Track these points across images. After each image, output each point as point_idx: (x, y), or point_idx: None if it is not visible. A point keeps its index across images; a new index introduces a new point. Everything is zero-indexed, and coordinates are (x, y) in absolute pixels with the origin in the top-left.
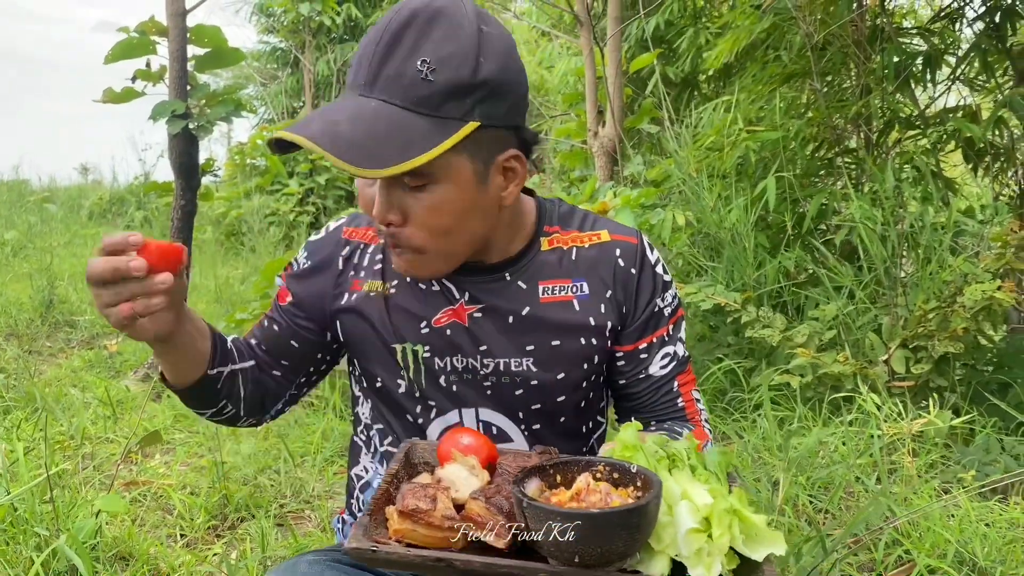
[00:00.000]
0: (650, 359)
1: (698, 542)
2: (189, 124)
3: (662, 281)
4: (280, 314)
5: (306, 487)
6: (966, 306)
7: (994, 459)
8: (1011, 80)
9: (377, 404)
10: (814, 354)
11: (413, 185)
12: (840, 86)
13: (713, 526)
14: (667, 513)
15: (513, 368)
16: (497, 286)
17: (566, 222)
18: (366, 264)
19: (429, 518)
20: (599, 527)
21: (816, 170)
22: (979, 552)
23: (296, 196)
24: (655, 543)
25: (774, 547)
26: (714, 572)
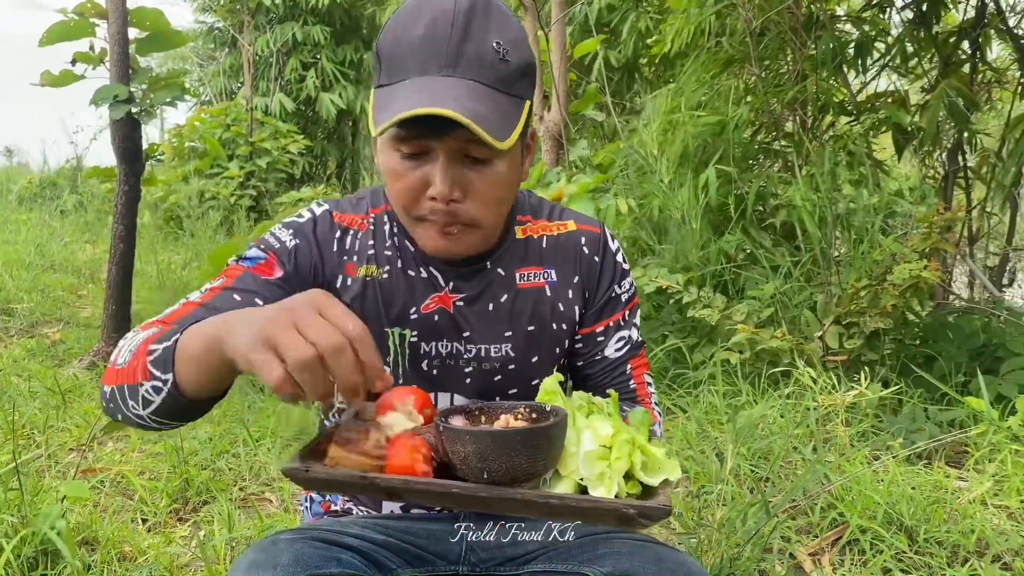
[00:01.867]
0: (606, 342)
1: (599, 467)
2: (132, 109)
3: (621, 269)
4: (264, 288)
5: (265, 470)
6: (895, 284)
7: (920, 427)
8: (936, 67)
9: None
10: (752, 330)
11: (481, 159)
12: (778, 72)
13: (613, 452)
14: (574, 444)
15: (493, 354)
16: (479, 274)
17: (536, 212)
18: (358, 249)
19: (362, 447)
20: (504, 444)
21: (755, 154)
22: (906, 512)
23: (236, 179)
24: (562, 469)
25: (670, 473)
26: (612, 493)
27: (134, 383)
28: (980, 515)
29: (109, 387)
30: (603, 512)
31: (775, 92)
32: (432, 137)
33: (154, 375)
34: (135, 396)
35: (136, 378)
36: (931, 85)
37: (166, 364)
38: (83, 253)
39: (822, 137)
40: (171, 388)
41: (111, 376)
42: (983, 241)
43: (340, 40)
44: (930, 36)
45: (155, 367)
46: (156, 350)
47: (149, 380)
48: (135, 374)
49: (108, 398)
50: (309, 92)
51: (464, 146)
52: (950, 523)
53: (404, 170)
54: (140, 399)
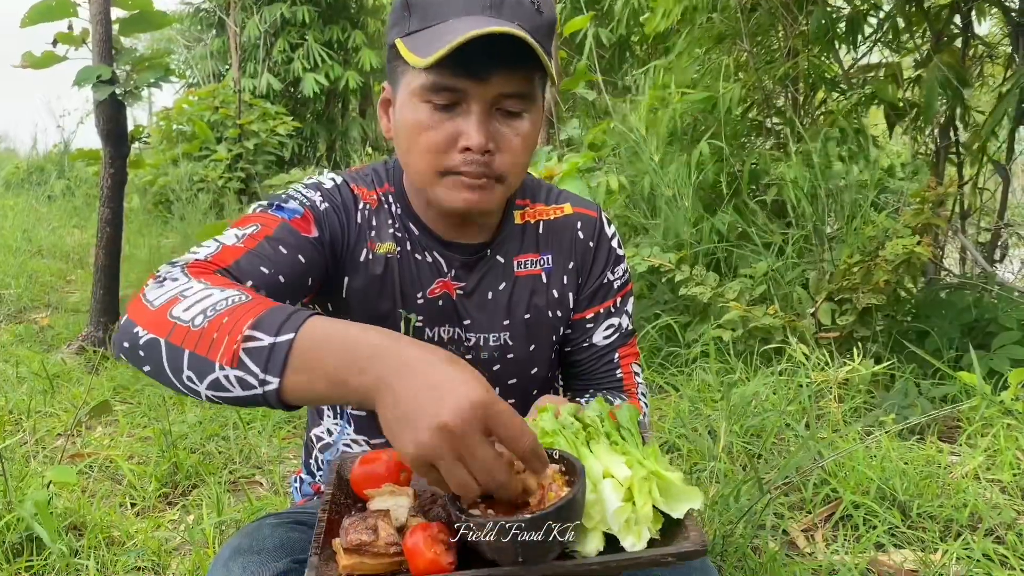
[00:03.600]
0: (595, 328)
1: (625, 514)
2: (116, 90)
3: (615, 255)
4: (305, 245)
5: (255, 452)
6: (888, 260)
7: (912, 402)
8: (928, 42)
9: None
10: (745, 308)
11: (516, 111)
12: (769, 48)
13: (635, 496)
14: (593, 491)
15: (492, 343)
16: (480, 263)
17: (535, 195)
18: (376, 224)
19: (374, 548)
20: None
21: (746, 131)
22: (899, 488)
23: (225, 162)
24: (586, 522)
25: (692, 502)
26: (644, 540)
27: (210, 358)
28: (973, 489)
29: (151, 335)
30: (643, 564)
31: (767, 69)
32: (472, 79)
33: (247, 366)
34: (202, 371)
35: (214, 354)
36: (923, 59)
37: (271, 364)
38: (71, 238)
39: (813, 113)
40: (270, 392)
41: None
42: (975, 217)
43: (327, 20)
44: (922, 10)
45: (253, 360)
46: (257, 339)
47: (236, 368)
48: (213, 348)
49: (143, 346)
50: (297, 73)
51: (498, 99)
52: (943, 498)
53: (435, 122)
54: (210, 379)
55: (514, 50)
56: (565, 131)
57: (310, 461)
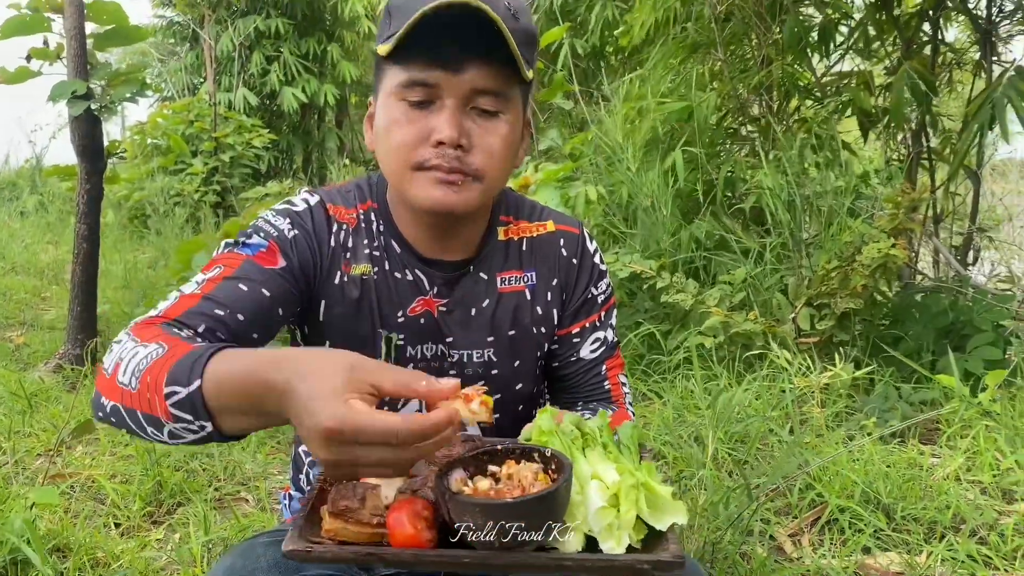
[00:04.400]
0: (581, 343)
1: (607, 518)
2: (91, 105)
3: (598, 270)
4: (269, 279)
5: (240, 469)
6: (865, 264)
7: (892, 406)
8: (898, 49)
9: None
10: (725, 314)
11: (491, 110)
12: (743, 57)
13: (621, 502)
14: (579, 492)
15: (475, 359)
16: (462, 280)
17: (518, 212)
18: (351, 246)
19: (358, 515)
20: (516, 514)
21: (722, 139)
22: (883, 491)
23: (201, 176)
24: (569, 520)
25: (676, 516)
26: (623, 545)
27: (154, 415)
28: (954, 491)
29: (112, 403)
30: (618, 569)
31: (741, 77)
32: (445, 71)
33: (181, 418)
34: (157, 426)
35: (155, 412)
36: (894, 67)
37: (196, 412)
38: (45, 255)
39: (788, 121)
40: (214, 433)
41: (114, 391)
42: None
43: (303, 33)
44: (892, 18)
45: (182, 411)
46: (175, 393)
47: (175, 422)
48: (152, 407)
49: (111, 413)
50: (273, 86)
51: (472, 95)
52: (926, 500)
53: (409, 119)
54: (166, 433)
55: (486, 40)
56: (544, 141)
57: (299, 477)
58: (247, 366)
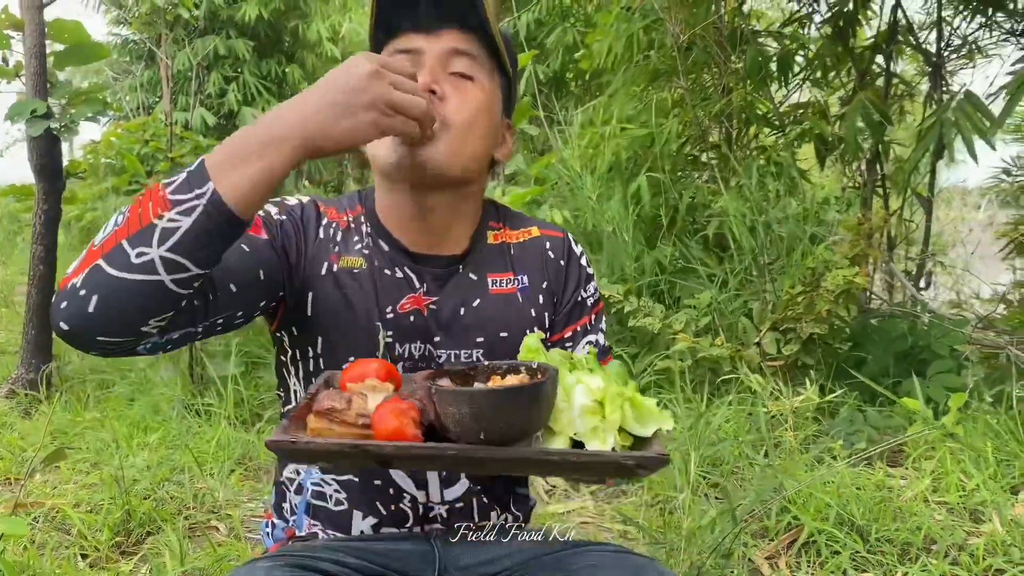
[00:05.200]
0: (574, 347)
1: (593, 421)
2: (51, 124)
3: (586, 273)
4: (251, 240)
5: (211, 496)
6: (829, 290)
7: (858, 429)
8: (853, 80)
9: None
10: (693, 339)
11: (467, 74)
12: (703, 86)
13: (606, 406)
14: (564, 400)
15: (463, 359)
16: (452, 278)
17: (506, 219)
18: (341, 240)
19: (344, 416)
20: (500, 403)
21: (683, 165)
22: (857, 513)
23: None
24: (554, 425)
25: (662, 423)
26: (608, 444)
27: (144, 224)
28: (923, 512)
29: (83, 272)
30: (602, 465)
31: (703, 105)
32: (423, 33)
33: (179, 200)
34: (145, 238)
35: (147, 218)
36: (848, 97)
37: (199, 180)
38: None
39: (747, 148)
40: (212, 198)
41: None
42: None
43: (263, 54)
44: (847, 50)
45: (181, 191)
46: (175, 180)
47: (172, 208)
48: (143, 217)
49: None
50: (231, 106)
51: (449, 56)
52: (898, 521)
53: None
54: (156, 235)
55: (460, 7)
56: (510, 166)
57: (283, 505)
58: (256, 120)
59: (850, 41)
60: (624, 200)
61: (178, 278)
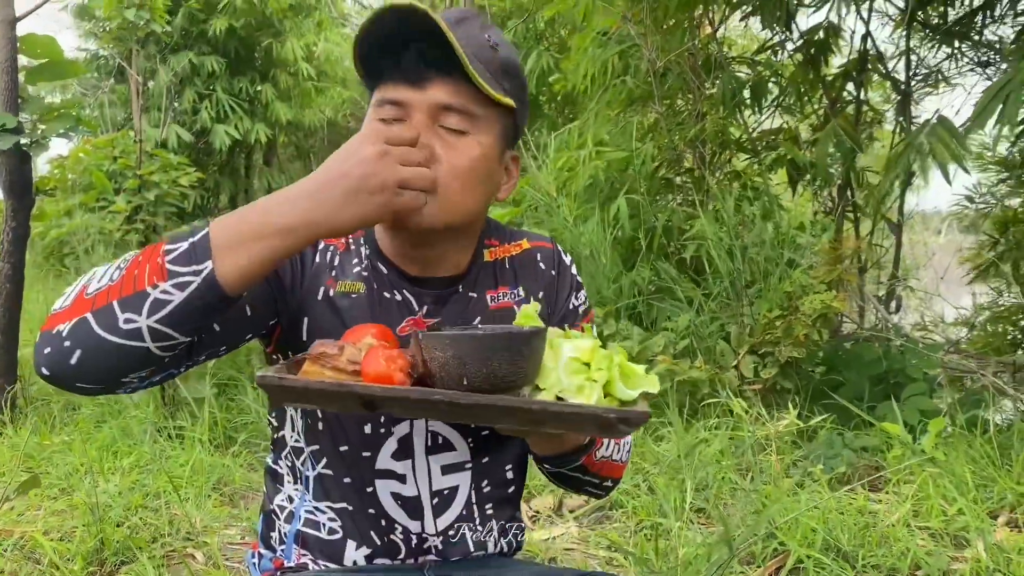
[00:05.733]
0: None
1: (578, 379)
2: (21, 140)
3: (575, 281)
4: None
5: (188, 521)
6: (807, 314)
7: (837, 453)
8: (823, 107)
9: (323, 419)
10: (673, 361)
11: (459, 129)
12: (676, 111)
13: (592, 365)
14: (551, 359)
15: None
16: (452, 299)
17: (499, 235)
18: (338, 264)
19: (335, 361)
20: (485, 349)
21: (658, 189)
22: (843, 539)
23: (124, 213)
24: (541, 383)
25: (648, 387)
26: (593, 399)
27: (138, 289)
28: (906, 537)
29: (70, 322)
30: (583, 418)
31: (678, 129)
32: (410, 86)
33: (177, 272)
34: (136, 305)
35: (142, 284)
36: (820, 124)
37: (200, 255)
38: None
39: (720, 173)
40: (207, 277)
41: (76, 308)
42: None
43: (235, 71)
44: (818, 78)
45: (180, 263)
46: (177, 248)
47: (168, 280)
48: (138, 281)
49: (67, 335)
50: (204, 123)
51: (438, 111)
52: (883, 547)
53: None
54: (148, 305)
55: (445, 54)
56: None
57: (271, 535)
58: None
59: (821, 69)
60: (602, 222)
61: (163, 345)
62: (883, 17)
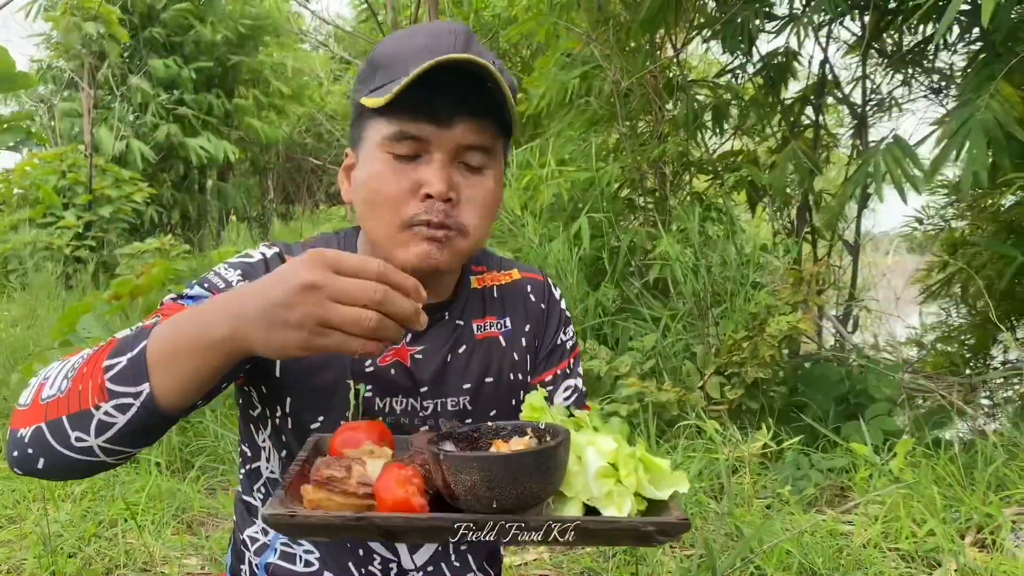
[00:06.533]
0: (554, 391)
1: (608, 484)
2: None
3: (564, 316)
4: None
5: (144, 553)
6: (773, 335)
7: (805, 474)
8: (782, 130)
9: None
10: (643, 384)
11: (477, 166)
12: (637, 132)
13: (620, 469)
14: (575, 463)
15: (450, 408)
16: (437, 324)
17: (487, 262)
18: None
19: (344, 485)
20: (515, 469)
21: (620, 209)
22: (818, 562)
23: (75, 229)
24: (567, 490)
25: (678, 485)
26: (625, 510)
27: (83, 408)
28: (879, 560)
29: (29, 428)
30: (620, 532)
31: (640, 150)
32: (436, 125)
33: (116, 392)
34: (83, 424)
35: (86, 403)
36: (779, 146)
37: (136, 376)
38: None
39: (681, 193)
40: (146, 401)
41: (33, 414)
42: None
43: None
44: (778, 101)
45: (118, 383)
46: (116, 364)
47: (108, 400)
48: (82, 399)
49: (28, 442)
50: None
51: (460, 150)
52: (859, 571)
53: (396, 172)
54: (93, 426)
55: (475, 95)
56: None
57: (241, 567)
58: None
59: (781, 92)
60: (567, 241)
61: (118, 457)
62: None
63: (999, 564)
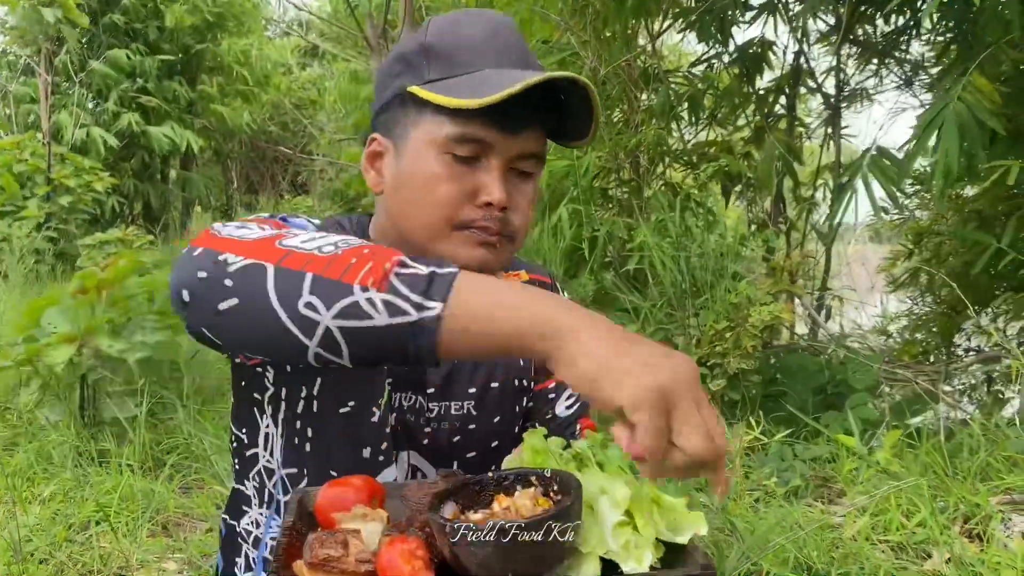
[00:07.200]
0: (556, 399)
1: (625, 535)
2: None
3: None
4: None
5: (119, 557)
6: (755, 325)
7: (789, 465)
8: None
9: (315, 438)
10: None
11: (529, 172)
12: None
13: (636, 518)
14: (588, 514)
15: (454, 412)
16: None
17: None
18: None
19: (343, 564)
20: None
21: (597, 198)
22: (813, 556)
23: (36, 220)
24: (582, 546)
25: (696, 527)
26: (646, 564)
27: (345, 280)
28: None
29: (245, 259)
30: None
31: (618, 139)
32: (503, 133)
33: (401, 291)
34: (331, 294)
35: (352, 277)
36: (754, 136)
37: (435, 290)
38: None
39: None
40: (430, 320)
41: (259, 249)
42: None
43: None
44: (753, 91)
45: (406, 283)
46: (415, 267)
47: (386, 292)
48: (348, 270)
49: (234, 272)
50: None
51: (517, 158)
52: (855, 564)
53: (453, 174)
54: (343, 304)
55: (547, 106)
56: None
57: (236, 560)
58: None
59: (755, 82)
60: (549, 231)
61: (325, 355)
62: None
63: (992, 555)
